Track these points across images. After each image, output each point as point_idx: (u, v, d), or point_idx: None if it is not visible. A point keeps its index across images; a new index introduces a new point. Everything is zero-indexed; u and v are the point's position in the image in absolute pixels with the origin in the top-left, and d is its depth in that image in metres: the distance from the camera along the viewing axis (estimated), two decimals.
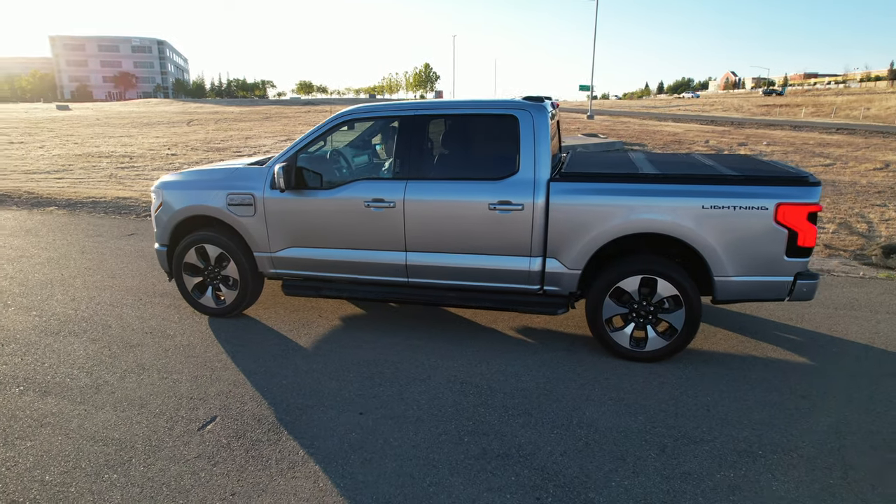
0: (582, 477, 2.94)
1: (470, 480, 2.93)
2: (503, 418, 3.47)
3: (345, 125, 4.55)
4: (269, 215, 4.57)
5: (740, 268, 3.89)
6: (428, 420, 3.47)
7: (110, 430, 3.37)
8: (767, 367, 4.12)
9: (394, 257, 4.41)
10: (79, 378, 3.97)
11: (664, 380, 3.93)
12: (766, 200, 3.75)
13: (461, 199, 4.16)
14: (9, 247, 7.40)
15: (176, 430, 3.38)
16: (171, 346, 4.47)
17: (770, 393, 3.76)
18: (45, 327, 4.83)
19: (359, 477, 2.96)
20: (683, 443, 3.22)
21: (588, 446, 3.19)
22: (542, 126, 4.10)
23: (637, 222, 3.92)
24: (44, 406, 3.62)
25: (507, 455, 3.12)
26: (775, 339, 4.60)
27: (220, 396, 3.74)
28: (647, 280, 4.00)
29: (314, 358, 4.28)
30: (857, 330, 4.78)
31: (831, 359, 4.26)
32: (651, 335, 4.11)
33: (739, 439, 3.24)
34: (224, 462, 3.08)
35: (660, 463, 3.05)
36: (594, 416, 3.49)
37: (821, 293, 5.64)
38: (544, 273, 4.18)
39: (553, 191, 4.04)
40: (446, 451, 3.17)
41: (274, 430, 3.37)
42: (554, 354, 4.31)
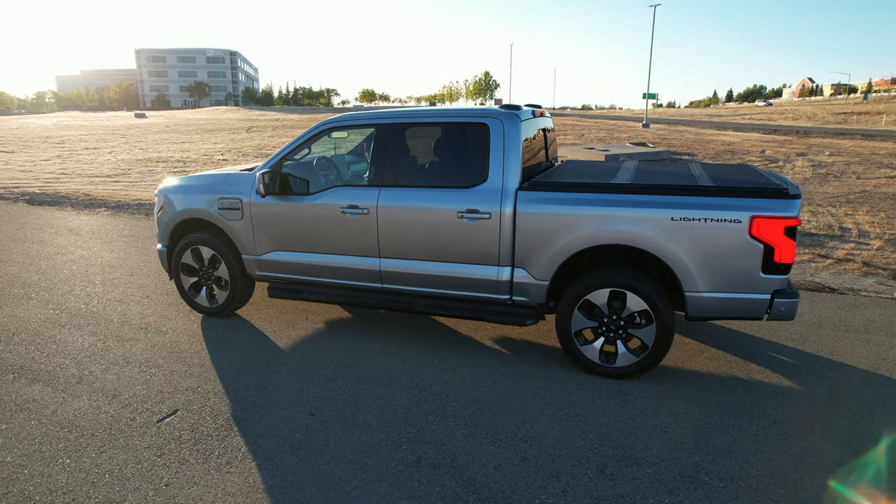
0: (507, 492, 2.88)
1: (395, 487, 2.93)
2: (449, 428, 3.45)
3: (328, 133, 4.66)
4: (255, 219, 4.74)
5: (713, 283, 3.70)
6: (374, 425, 3.49)
7: (79, 417, 3.58)
8: (747, 390, 3.90)
9: (368, 263, 4.47)
10: (68, 368, 4.24)
11: (629, 397, 3.79)
12: (739, 213, 3.56)
13: (431, 207, 4.18)
14: (50, 244, 7.99)
15: (137, 420, 3.55)
16: (160, 342, 4.69)
17: (741, 417, 3.55)
18: (55, 319, 5.18)
19: (288, 476, 3.02)
20: (626, 464, 3.09)
21: (525, 461, 3.12)
22: (513, 134, 4.06)
23: (604, 233, 3.81)
24: (29, 392, 3.89)
25: (439, 465, 3.10)
26: (766, 361, 4.33)
27: (188, 391, 3.90)
28: (616, 293, 3.88)
29: (287, 359, 4.39)
30: (862, 355, 4.44)
31: (822, 384, 3.98)
32: (621, 350, 3.97)
33: (688, 464, 3.08)
34: (169, 454, 3.22)
35: (594, 483, 2.94)
36: (542, 430, 3.41)
37: (837, 314, 5.28)
38: (512, 283, 4.13)
39: (520, 200, 3.98)
40: (381, 456, 3.18)
41: (226, 427, 3.48)
42: (524, 367, 4.24)
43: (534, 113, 4.58)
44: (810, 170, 15.63)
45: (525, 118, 4.24)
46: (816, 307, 5.50)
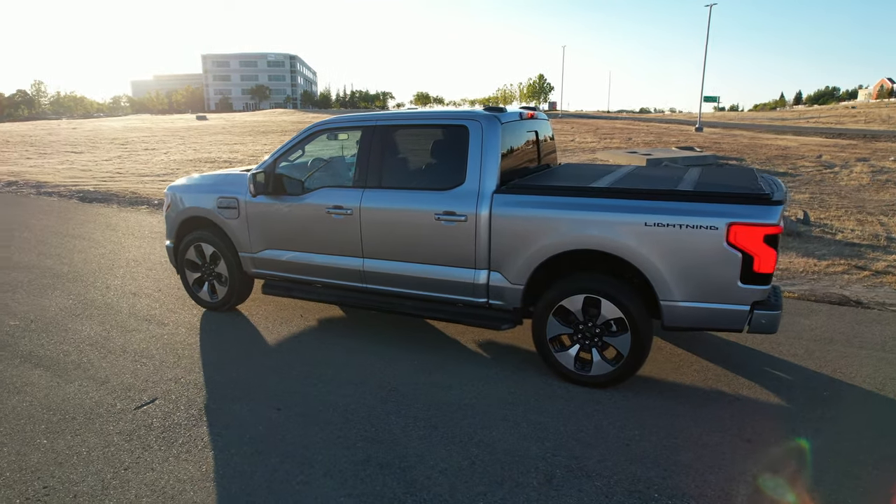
0: (446, 496, 2.86)
1: (339, 484, 2.97)
2: (407, 429, 3.46)
3: (318, 135, 4.76)
4: (250, 218, 4.89)
5: (689, 292, 3.55)
6: (335, 422, 3.54)
7: (66, 401, 3.80)
8: (728, 405, 3.72)
9: (352, 263, 4.53)
10: (69, 355, 4.51)
11: (600, 407, 3.69)
12: (716, 219, 3.40)
13: (411, 208, 4.20)
14: (87, 238, 8.50)
15: (117, 407, 3.74)
16: (159, 334, 4.91)
17: (712, 434, 3.39)
18: (72, 309, 5.51)
19: (240, 467, 3.10)
20: (576, 475, 3.01)
21: (473, 465, 3.10)
22: (491, 137, 4.03)
23: (577, 238, 3.73)
24: (29, 376, 4.16)
25: (387, 465, 3.12)
26: (759, 376, 4.12)
27: (171, 382, 4.07)
28: (591, 300, 3.78)
29: (272, 354, 4.51)
30: (869, 374, 4.15)
31: (812, 403, 3.74)
32: (596, 359, 3.87)
33: (641, 479, 2.98)
34: (137, 440, 3.37)
35: (536, 493, 2.88)
36: (499, 436, 3.37)
37: (854, 329, 4.95)
38: (489, 286, 4.09)
39: (495, 202, 3.95)
40: (333, 453, 3.22)
41: (196, 417, 3.62)
42: (500, 371, 4.19)
43: (521, 115, 4.53)
44: (868, 176, 14.70)
45: (507, 120, 4.20)
46: (833, 321, 5.18)
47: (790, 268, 7.17)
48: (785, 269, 7.14)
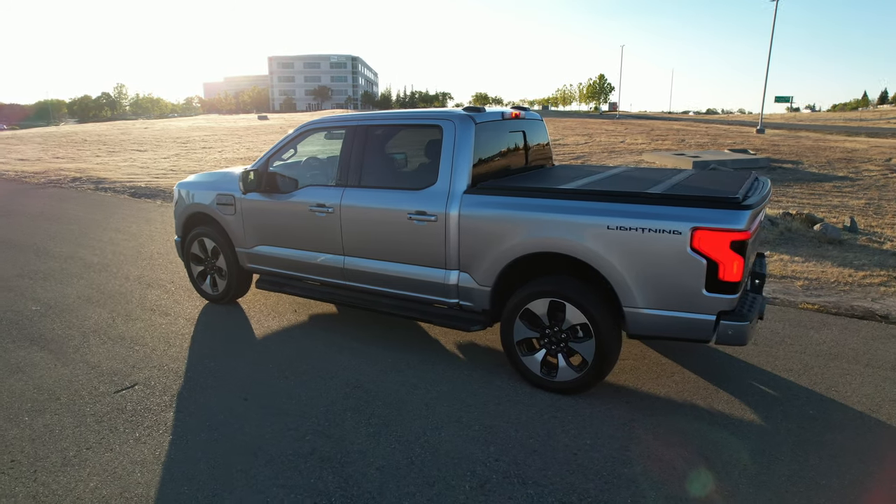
0: (375, 493, 2.88)
1: (276, 474, 3.04)
2: (359, 426, 3.49)
3: (308, 134, 4.87)
4: (244, 214, 5.07)
5: (653, 300, 3.41)
6: (293, 414, 3.62)
7: (56, 382, 4.07)
8: (698, 419, 3.54)
9: (334, 260, 4.61)
10: (73, 339, 4.81)
11: (559, 414, 3.60)
12: (679, 224, 3.26)
13: (386, 208, 4.23)
14: (125, 231, 9.02)
15: (99, 390, 3.97)
16: (158, 323, 5.17)
17: (669, 449, 3.25)
18: (89, 297, 5.88)
19: (191, 453, 3.23)
20: (512, 482, 2.96)
21: (411, 465, 3.10)
22: (464, 137, 4.01)
23: (540, 240, 3.65)
24: (32, 358, 4.47)
25: (328, 459, 3.16)
26: (743, 391, 3.90)
27: (155, 369, 4.28)
28: (556, 304, 3.70)
29: (256, 347, 4.66)
30: (867, 393, 3.85)
31: (791, 423, 3.51)
32: (562, 364, 3.78)
33: (576, 490, 2.89)
34: (107, 422, 3.57)
35: (465, 497, 2.85)
36: (447, 438, 3.35)
37: (867, 346, 4.60)
38: (458, 287, 4.07)
39: (464, 203, 3.92)
40: (281, 445, 3.30)
41: (167, 403, 3.79)
42: (471, 373, 4.16)
43: (504, 115, 4.48)
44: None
45: (483, 120, 4.16)
46: (846, 336, 4.83)
47: (821, 277, 6.74)
48: (815, 278, 6.73)
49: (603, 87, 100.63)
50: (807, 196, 12.91)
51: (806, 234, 9.07)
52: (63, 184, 15.03)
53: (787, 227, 9.39)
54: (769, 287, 6.39)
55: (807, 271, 7.01)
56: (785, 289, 6.39)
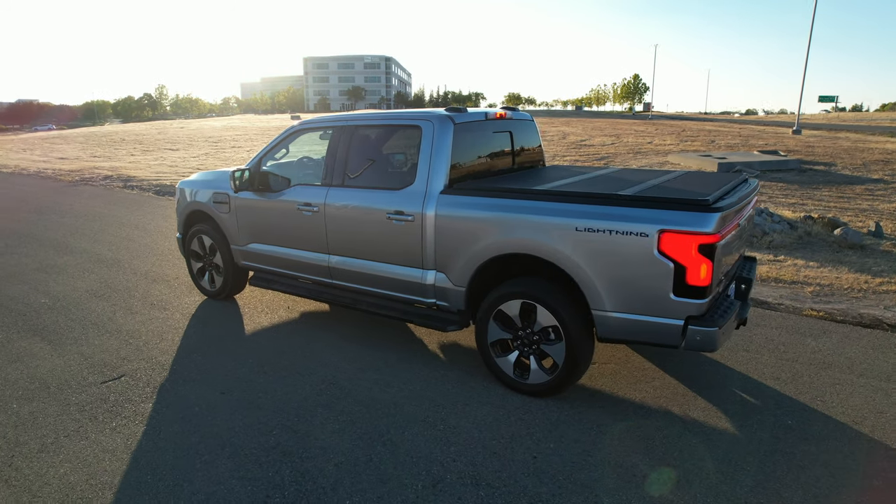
0: (328, 488, 2.92)
1: (237, 466, 3.11)
2: (326, 422, 3.54)
3: (298, 134, 4.96)
4: (238, 212, 5.18)
5: (621, 303, 3.36)
6: (266, 408, 3.69)
7: (49, 372, 4.24)
8: (670, 426, 3.47)
9: (320, 258, 4.68)
10: (73, 331, 5.00)
11: (527, 416, 3.57)
12: (646, 226, 3.20)
13: (366, 207, 4.28)
14: (142, 228, 9.31)
15: (88, 380, 4.12)
16: (156, 318, 5.33)
17: (632, 455, 3.19)
18: (95, 291, 6.10)
19: (161, 443, 3.33)
20: (464, 483, 2.96)
21: (369, 462, 3.13)
22: (442, 137, 4.02)
23: (511, 241, 3.63)
24: (32, 348, 4.67)
25: (290, 454, 3.22)
26: (723, 399, 3.80)
27: (143, 361, 4.41)
28: (528, 306, 3.67)
29: (244, 342, 4.76)
30: (853, 404, 3.71)
31: (766, 433, 3.41)
32: (533, 367, 3.75)
33: (528, 494, 2.87)
34: (88, 411, 3.70)
35: (415, 495, 2.87)
36: (410, 437, 3.37)
37: (866, 355, 4.43)
38: (435, 287, 4.08)
39: (440, 203, 3.93)
40: (248, 437, 3.37)
41: (148, 395, 3.91)
42: (446, 373, 4.17)
43: (487, 116, 4.47)
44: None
45: (463, 121, 4.16)
46: (845, 345, 4.66)
47: (834, 283, 6.52)
48: (828, 284, 6.50)
49: (637, 88, 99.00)
50: (834, 199, 12.45)
51: (826, 238, 8.77)
52: (95, 182, 15.60)
53: (806, 231, 9.09)
54: (776, 293, 6.21)
55: (820, 277, 6.78)
56: (793, 295, 6.19)
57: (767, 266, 7.21)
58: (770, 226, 9.18)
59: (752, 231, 4.37)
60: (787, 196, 12.80)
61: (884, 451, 3.21)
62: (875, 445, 3.27)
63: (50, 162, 22.06)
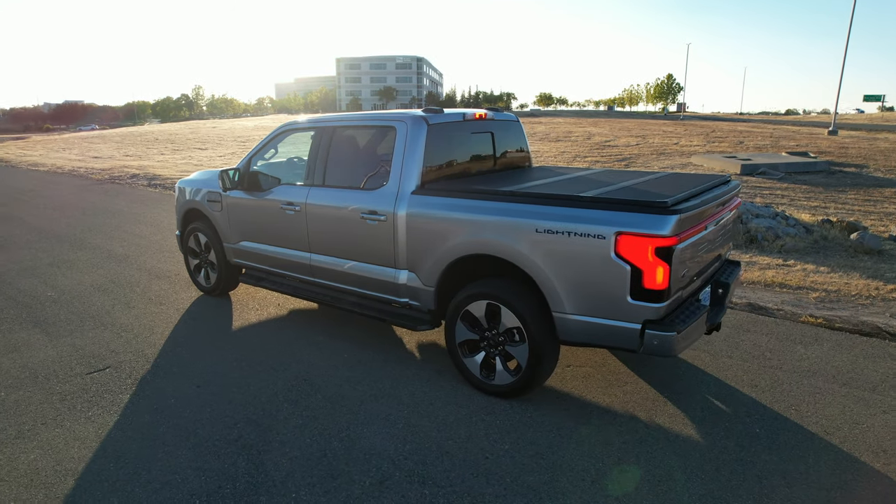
0: (277, 481, 2.98)
1: (196, 456, 3.20)
2: (290, 417, 3.61)
3: (285, 135, 5.05)
4: (229, 211, 5.31)
5: (580, 305, 3.34)
6: (236, 402, 3.79)
7: (41, 362, 4.42)
8: (633, 432, 3.43)
9: (302, 256, 4.77)
10: (71, 323, 5.21)
11: (489, 417, 3.58)
12: (604, 228, 3.17)
13: (343, 206, 4.34)
14: (154, 225, 9.60)
15: (74, 370, 4.29)
16: (151, 312, 5.50)
17: (587, 459, 3.17)
18: (100, 285, 6.32)
19: (129, 432, 3.45)
20: (412, 481, 2.99)
21: (323, 457, 3.18)
22: (415, 138, 4.05)
23: (476, 242, 3.65)
24: (30, 339, 4.88)
25: (250, 446, 3.30)
26: (694, 405, 3.74)
27: (130, 354, 4.57)
28: (493, 307, 3.68)
29: (228, 338, 4.88)
30: (829, 414, 3.60)
31: (730, 441, 3.34)
32: (499, 368, 3.76)
33: (472, 494, 2.88)
34: (69, 400, 3.86)
35: (360, 491, 2.91)
36: (368, 434, 3.41)
37: (856, 364, 4.29)
38: (407, 286, 4.12)
39: (411, 203, 3.97)
40: (213, 430, 3.47)
41: (128, 386, 4.05)
42: (418, 372, 4.19)
43: (465, 116, 4.48)
44: None
45: (437, 122, 4.18)
46: (834, 354, 4.51)
47: (842, 289, 6.32)
48: (836, 290, 6.31)
49: (671, 88, 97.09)
50: (860, 202, 12.03)
51: (843, 243, 8.49)
52: (122, 180, 16.13)
53: (822, 236, 8.82)
54: (778, 298, 6.05)
55: (828, 282, 6.57)
56: (796, 300, 6.02)
57: (774, 271, 7.03)
58: (784, 229, 8.93)
59: (733, 233, 4.28)
60: (809, 199, 12.41)
61: (849, 464, 3.12)
62: (841, 457, 3.17)
63: (84, 161, 22.89)
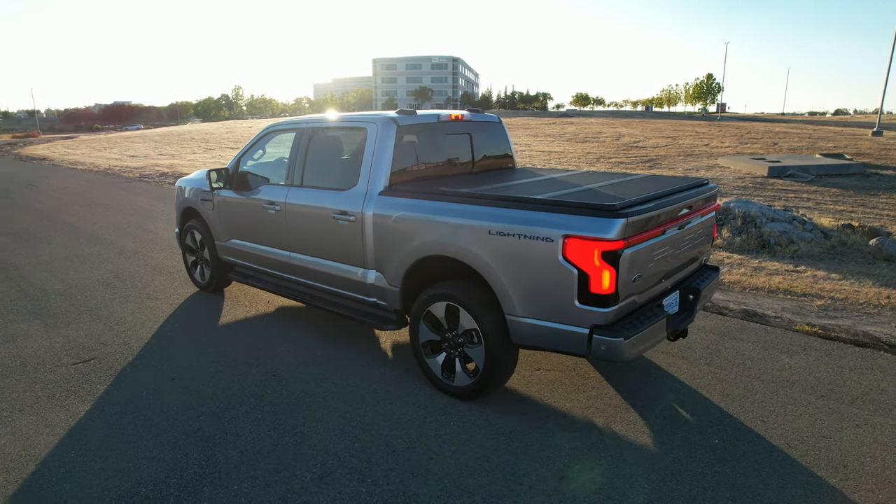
0: (224, 473, 3.07)
1: (154, 447, 3.31)
2: (251, 412, 3.70)
3: (271, 136, 5.17)
4: (219, 209, 5.46)
5: (531, 309, 3.32)
6: (204, 395, 3.90)
7: (33, 352, 4.64)
8: (584, 438, 3.39)
9: (282, 255, 4.87)
10: (69, 315, 5.44)
11: (443, 418, 3.59)
12: (552, 231, 3.14)
13: (318, 206, 4.41)
14: (170, 222, 9.90)
15: (62, 360, 4.48)
16: (146, 307, 5.70)
17: (528, 465, 3.15)
18: (105, 280, 6.58)
19: (98, 421, 3.60)
20: (352, 478, 3.03)
21: (273, 451, 3.25)
22: (384, 139, 4.09)
23: (433, 243, 3.66)
24: (29, 330, 5.12)
25: (207, 438, 3.39)
26: (657, 413, 3.67)
27: (117, 346, 4.75)
28: (452, 308, 3.69)
29: (213, 333, 5.02)
30: (797, 427, 3.48)
31: (688, 451, 3.27)
32: (458, 369, 3.76)
33: (407, 494, 2.91)
34: (51, 388, 4.04)
35: (301, 486, 2.97)
36: (322, 430, 3.47)
37: (840, 376, 4.13)
38: (375, 286, 4.16)
39: (377, 204, 4.01)
40: (175, 421, 3.58)
41: (108, 377, 4.21)
42: (387, 372, 4.23)
43: (439, 118, 4.49)
44: None
45: (407, 123, 4.21)
46: (818, 365, 4.35)
47: (850, 297, 6.09)
48: (843, 298, 6.09)
49: (711, 87, 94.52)
50: (891, 207, 11.51)
51: (862, 248, 8.17)
52: (150, 178, 16.70)
53: (841, 241, 8.50)
54: (778, 305, 5.87)
55: (837, 290, 6.33)
56: (798, 307, 5.83)
57: (781, 277, 6.81)
58: (799, 234, 8.63)
59: (709, 237, 4.18)
60: (836, 202, 11.94)
61: (803, 478, 3.01)
62: (797, 471, 3.07)
63: (121, 160, 23.78)
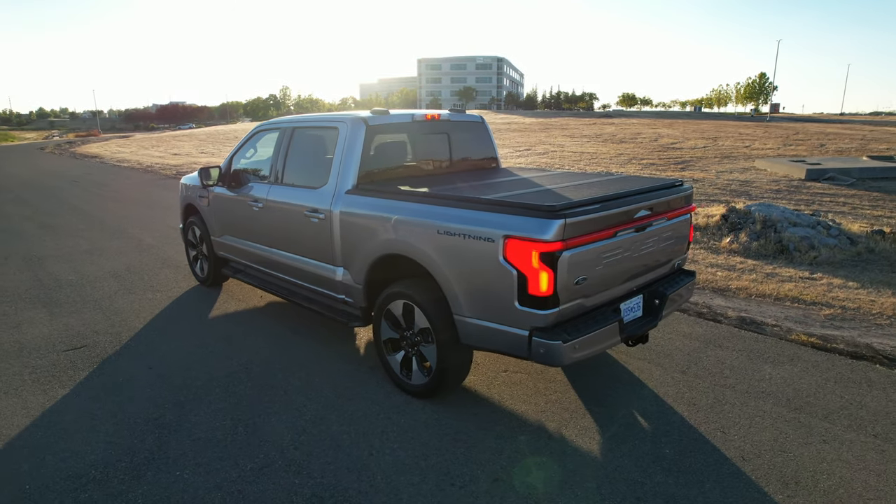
0: (171, 459, 3.18)
1: (114, 432, 3.47)
2: (215, 401, 3.82)
3: (262, 135, 5.31)
4: (213, 206, 5.64)
5: (476, 309, 3.30)
6: (174, 384, 4.05)
7: (32, 338, 4.92)
8: (532, 443, 3.36)
9: (264, 250, 4.99)
10: (74, 305, 5.74)
11: (395, 416, 3.62)
12: (494, 231, 3.12)
13: (292, 203, 4.51)
14: None
15: (56, 347, 4.73)
16: (146, 298, 5.94)
17: (463, 466, 3.14)
18: (115, 272, 6.90)
19: (70, 406, 3.79)
20: (287, 471, 3.09)
21: (224, 440, 3.35)
22: (354, 138, 4.14)
23: (389, 242, 3.70)
24: (35, 317, 5.43)
25: (166, 426, 3.53)
26: (614, 421, 3.59)
27: (109, 335, 4.98)
28: (408, 307, 3.71)
29: (201, 325, 5.19)
30: (758, 440, 3.34)
31: (634, 460, 3.19)
32: (414, 367, 3.79)
33: (338, 488, 2.95)
34: (38, 373, 4.27)
35: (238, 475, 3.05)
36: (276, 422, 3.55)
37: (823, 388, 3.95)
38: (342, 283, 4.22)
39: (344, 202, 4.07)
40: (141, 408, 3.74)
41: (93, 364, 4.42)
42: (357, 369, 4.29)
43: (413, 118, 4.52)
44: None
45: (378, 123, 4.26)
46: (803, 376, 4.16)
47: (863, 308, 5.80)
48: (855, 308, 5.80)
49: (763, 87, 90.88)
50: None
51: (890, 256, 7.75)
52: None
53: (868, 248, 8.08)
54: (781, 313, 5.64)
55: (850, 299, 6.03)
56: (803, 316, 5.59)
57: (793, 284, 6.53)
58: (822, 240, 8.24)
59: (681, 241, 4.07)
60: (874, 207, 11.31)
61: (748, 493, 2.89)
62: (745, 486, 2.95)
63: (164, 158, 24.77)
